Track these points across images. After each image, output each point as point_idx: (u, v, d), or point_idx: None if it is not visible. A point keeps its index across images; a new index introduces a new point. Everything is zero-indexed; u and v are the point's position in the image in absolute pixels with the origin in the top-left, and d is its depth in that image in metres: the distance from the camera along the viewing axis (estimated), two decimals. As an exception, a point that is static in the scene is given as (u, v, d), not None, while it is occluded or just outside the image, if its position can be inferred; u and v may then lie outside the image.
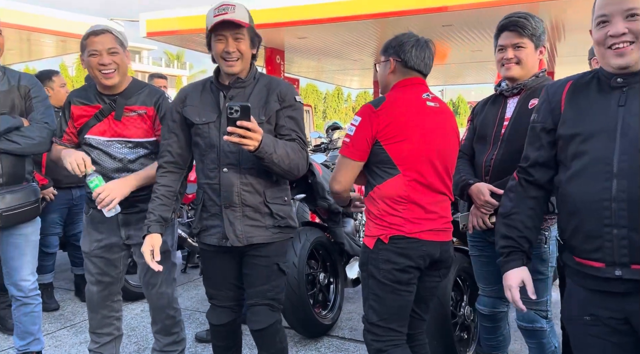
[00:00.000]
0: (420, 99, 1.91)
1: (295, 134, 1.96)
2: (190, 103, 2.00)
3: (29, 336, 2.54)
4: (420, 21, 9.32)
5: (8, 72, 2.39)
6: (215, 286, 2.10)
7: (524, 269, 1.55)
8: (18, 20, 9.42)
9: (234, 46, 1.90)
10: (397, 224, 1.84)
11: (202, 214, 2.02)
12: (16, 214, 2.31)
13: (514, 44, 2.05)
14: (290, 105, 1.96)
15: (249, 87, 1.97)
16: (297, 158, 1.91)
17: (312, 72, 16.34)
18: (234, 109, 1.66)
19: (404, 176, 1.84)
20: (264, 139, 1.76)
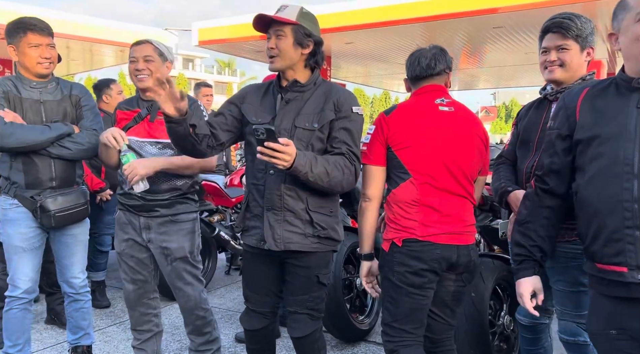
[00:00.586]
0: (432, 104, 1.94)
1: (346, 148, 1.90)
2: (249, 102, 2.02)
3: (80, 331, 2.69)
4: (470, 24, 9.13)
5: (61, 82, 2.55)
6: (253, 289, 2.11)
7: (535, 278, 1.56)
8: (81, 33, 10.02)
9: (273, 43, 1.91)
10: (410, 227, 1.86)
11: (246, 214, 2.04)
12: (67, 216, 2.46)
13: (557, 46, 1.98)
14: (346, 116, 1.91)
15: (308, 92, 1.96)
16: (340, 175, 1.86)
17: (359, 77, 16.33)
18: (259, 131, 1.69)
19: (415, 179, 1.87)
20: (298, 158, 1.75)
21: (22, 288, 2.45)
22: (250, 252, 2.08)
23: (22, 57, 2.38)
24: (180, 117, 1.80)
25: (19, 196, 2.42)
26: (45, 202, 2.39)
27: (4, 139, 2.28)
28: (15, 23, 2.38)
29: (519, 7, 7.85)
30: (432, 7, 8.77)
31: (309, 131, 1.89)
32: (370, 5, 9.42)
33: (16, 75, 2.46)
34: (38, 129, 2.36)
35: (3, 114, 2.31)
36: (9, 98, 2.38)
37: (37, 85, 2.45)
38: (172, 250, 2.33)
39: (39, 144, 2.35)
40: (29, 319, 2.54)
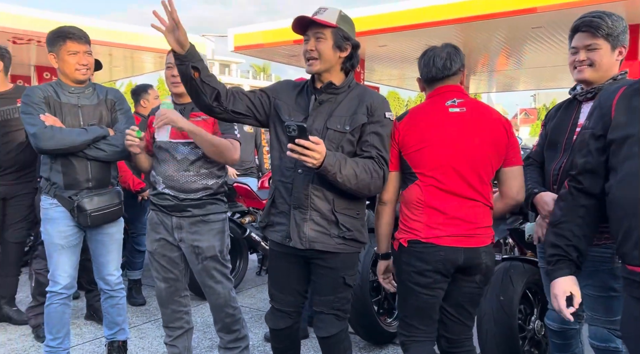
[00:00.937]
0: (442, 107, 1.93)
1: (376, 152, 1.91)
2: (284, 100, 2.04)
3: (115, 326, 2.80)
4: (507, 24, 8.93)
5: (97, 87, 2.68)
6: (278, 288, 2.14)
7: (571, 278, 1.51)
8: (123, 40, 10.40)
9: (313, 45, 1.92)
10: (415, 228, 1.89)
11: (271, 209, 2.07)
12: (102, 215, 2.56)
13: (586, 46, 1.93)
14: (378, 120, 1.93)
15: (342, 94, 1.98)
16: (368, 178, 1.87)
17: (394, 79, 16.22)
18: (291, 128, 1.71)
19: (420, 181, 1.89)
20: (327, 157, 1.76)
21: (62, 283, 2.57)
22: (276, 251, 2.11)
23: (61, 64, 2.51)
24: (183, 53, 1.83)
25: (58, 196, 2.54)
26: (82, 202, 2.50)
27: (44, 141, 2.41)
28: (55, 32, 2.52)
29: (559, 6, 7.64)
30: (467, 8, 8.63)
31: (341, 133, 1.91)
32: (404, 8, 9.36)
33: (57, 81, 2.59)
34: (75, 132, 2.48)
35: (44, 118, 2.44)
36: (50, 103, 2.51)
37: (75, 90, 2.57)
38: (203, 249, 2.40)
39: (76, 146, 2.47)
40: (68, 313, 2.66)
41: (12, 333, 3.33)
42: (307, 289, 2.15)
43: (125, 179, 3.77)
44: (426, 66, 1.98)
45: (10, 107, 3.17)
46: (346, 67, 2.00)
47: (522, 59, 12.09)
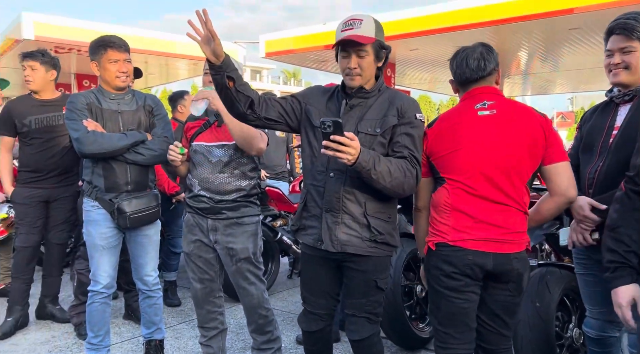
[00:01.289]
0: (471, 110, 1.89)
1: (408, 152, 1.91)
2: (314, 105, 2.06)
3: (153, 326, 2.88)
4: (543, 26, 8.74)
5: (136, 94, 2.78)
6: (310, 291, 2.15)
7: (634, 286, 1.46)
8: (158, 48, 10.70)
9: (355, 63, 1.94)
10: (442, 231, 1.88)
11: (303, 213, 2.09)
12: (140, 217, 2.65)
13: (621, 48, 1.90)
14: (409, 122, 1.94)
15: (372, 98, 2.00)
16: (402, 177, 1.86)
17: (425, 83, 16.07)
18: (326, 124, 1.71)
19: (448, 184, 1.89)
20: (362, 154, 1.76)
21: (103, 283, 2.67)
22: (308, 254, 2.13)
23: (102, 72, 2.63)
24: (218, 63, 1.85)
25: (99, 198, 2.64)
26: (121, 205, 2.60)
27: (87, 145, 2.52)
28: (97, 41, 2.63)
29: (597, 7, 7.43)
30: (502, 10, 8.48)
31: (371, 135, 1.93)
32: (436, 11, 9.28)
33: (98, 88, 2.71)
34: (116, 136, 2.58)
35: (86, 123, 2.55)
36: (92, 109, 2.62)
37: (115, 97, 2.68)
38: (237, 251, 2.45)
39: (116, 151, 2.57)
40: (108, 312, 2.75)
41: (56, 331, 3.46)
42: (339, 292, 2.15)
43: (160, 183, 3.88)
44: (459, 67, 1.93)
45: (56, 113, 3.31)
46: (377, 72, 2.03)
47: (559, 61, 11.79)
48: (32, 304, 3.57)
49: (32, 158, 3.28)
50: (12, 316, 3.38)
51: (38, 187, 3.31)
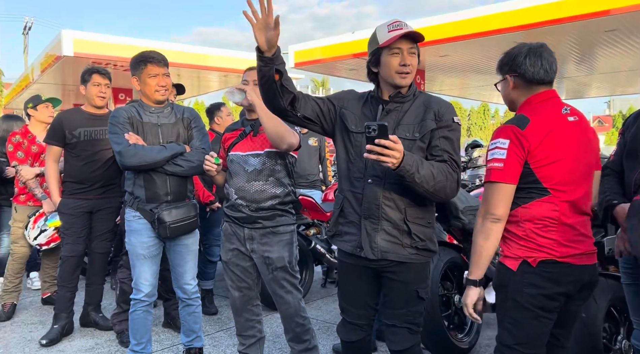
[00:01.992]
0: (560, 115, 1.80)
1: (448, 156, 1.91)
2: (350, 109, 2.05)
3: (192, 334, 2.94)
4: (578, 28, 8.54)
5: (175, 107, 2.87)
6: (349, 301, 2.13)
7: None
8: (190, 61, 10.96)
9: (409, 59, 1.93)
10: (547, 246, 1.73)
11: (339, 219, 2.06)
12: (180, 227, 2.72)
13: None
14: (447, 125, 1.93)
15: (408, 103, 1.99)
16: (445, 180, 1.85)
17: (455, 89, 15.90)
18: (371, 128, 1.69)
19: (554, 197, 1.74)
20: (405, 157, 1.74)
21: (144, 291, 2.74)
22: (346, 263, 2.11)
23: (143, 86, 2.72)
24: (269, 54, 1.83)
25: (141, 208, 2.72)
26: (161, 215, 2.67)
27: (128, 158, 2.61)
28: (137, 57, 2.74)
29: (634, 8, 7.24)
30: (534, 14, 8.33)
31: (410, 140, 1.91)
32: (466, 17, 9.21)
33: (139, 102, 2.80)
34: (156, 149, 2.66)
35: (127, 137, 2.64)
36: (133, 122, 2.71)
37: (155, 110, 2.77)
38: (273, 259, 2.48)
39: (157, 163, 2.65)
40: (149, 320, 2.82)
41: (99, 338, 3.56)
42: (377, 302, 2.14)
43: (195, 192, 3.96)
44: (533, 66, 1.81)
45: (103, 128, 3.44)
46: None
47: (594, 64, 11.49)
48: (77, 312, 3.69)
49: (78, 169, 3.41)
50: (58, 323, 3.49)
51: (83, 198, 3.42)
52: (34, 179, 3.95)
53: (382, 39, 1.92)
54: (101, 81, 3.37)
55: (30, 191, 3.99)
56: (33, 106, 4.19)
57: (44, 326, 3.74)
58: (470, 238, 3.16)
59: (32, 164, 4.04)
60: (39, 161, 4.05)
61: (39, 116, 4.18)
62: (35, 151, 4.06)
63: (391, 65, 1.93)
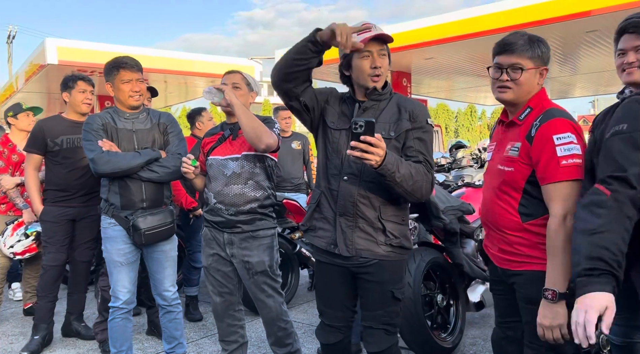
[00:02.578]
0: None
1: (423, 157, 1.93)
2: (332, 105, 2.07)
3: (174, 341, 2.91)
4: (561, 29, 8.65)
5: (151, 112, 2.84)
6: (327, 303, 2.12)
7: (611, 296, 1.31)
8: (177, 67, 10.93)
9: (379, 61, 1.95)
10: None
11: (314, 214, 2.06)
12: (156, 233, 2.68)
13: (635, 47, 1.86)
14: (421, 126, 1.95)
15: (384, 101, 2.00)
16: (421, 180, 1.87)
17: (442, 91, 16.02)
18: (358, 124, 1.68)
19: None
20: (387, 156, 1.74)
21: (122, 298, 2.71)
22: (323, 265, 2.10)
23: (116, 92, 2.70)
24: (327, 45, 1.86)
25: (116, 215, 2.69)
26: (136, 222, 2.63)
27: (101, 165, 2.58)
28: (110, 63, 2.71)
29: (614, 8, 7.33)
30: (516, 16, 8.43)
31: (386, 139, 1.90)
32: (450, 20, 9.28)
33: (113, 108, 2.78)
34: (130, 155, 2.64)
35: (101, 144, 2.61)
36: (107, 129, 2.68)
37: (130, 116, 2.75)
38: (253, 264, 2.47)
39: (131, 169, 2.62)
40: (129, 328, 2.79)
41: (81, 348, 3.52)
42: (355, 303, 2.14)
43: (178, 198, 3.94)
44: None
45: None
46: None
47: (578, 64, 11.63)
48: (58, 321, 3.65)
49: (61, 177, 3.37)
50: (39, 334, 3.45)
51: (66, 206, 3.39)
52: (15, 188, 3.91)
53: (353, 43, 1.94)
54: (86, 88, 3.39)
55: (10, 201, 3.95)
56: (13, 115, 4.15)
57: (25, 337, 3.69)
58: (451, 238, 3.20)
59: (13, 173, 4.00)
60: (20, 170, 4.00)
61: (20, 124, 4.14)
62: (16, 160, 4.02)
63: (363, 68, 1.95)
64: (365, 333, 2.06)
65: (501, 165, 1.85)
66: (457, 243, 3.16)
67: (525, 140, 1.78)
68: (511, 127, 1.90)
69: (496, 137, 2.01)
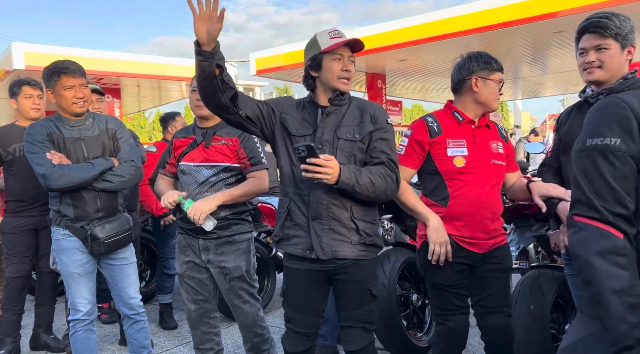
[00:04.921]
0: None
1: (386, 157, 1.98)
2: (290, 114, 2.06)
3: (144, 350, 2.78)
4: (529, 30, 8.85)
5: (97, 117, 2.68)
6: (299, 310, 2.08)
7: None
8: (150, 71, 10.78)
9: (349, 66, 2.01)
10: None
11: (286, 223, 2.05)
12: (114, 241, 2.57)
13: (595, 46, 1.90)
14: (382, 127, 2.01)
15: (345, 106, 2.04)
16: (384, 184, 1.93)
17: (417, 92, 16.19)
18: (300, 149, 1.78)
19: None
20: (342, 172, 1.82)
21: (83, 310, 2.58)
22: (295, 270, 2.07)
23: (58, 99, 2.53)
24: (209, 49, 1.79)
25: (70, 226, 2.55)
26: (94, 231, 2.51)
27: (54, 181, 2.42)
28: (50, 68, 2.53)
29: (579, 9, 7.53)
30: (488, 17, 8.59)
31: (351, 141, 1.97)
32: (422, 22, 9.38)
33: (56, 115, 2.61)
34: (83, 167, 2.49)
35: (50, 157, 2.45)
36: (53, 139, 2.52)
37: (76, 123, 2.59)
38: (230, 269, 2.42)
39: (85, 182, 2.48)
40: (92, 339, 2.66)
41: (50, 361, 3.41)
42: (324, 309, 2.15)
43: (148, 204, 3.85)
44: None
45: None
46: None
47: (547, 64, 11.91)
48: (26, 334, 3.53)
49: (18, 187, 3.25)
50: (4, 348, 3.32)
51: (26, 215, 3.27)
52: None
53: (325, 45, 1.97)
54: (32, 93, 3.25)
55: None
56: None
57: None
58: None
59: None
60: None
61: None
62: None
63: (333, 69, 1.98)
64: (344, 332, 2.07)
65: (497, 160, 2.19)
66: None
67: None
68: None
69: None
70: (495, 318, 2.16)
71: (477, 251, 2.13)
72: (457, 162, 2.12)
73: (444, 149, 2.13)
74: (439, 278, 2.16)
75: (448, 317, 2.19)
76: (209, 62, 1.81)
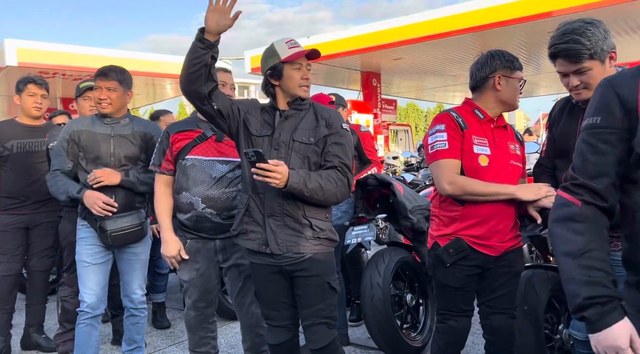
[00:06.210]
0: None
1: (338, 161, 2.05)
2: (253, 115, 2.15)
3: (133, 343, 2.87)
4: (524, 30, 8.87)
5: (135, 119, 2.88)
6: (270, 306, 2.18)
7: (628, 321, 1.13)
8: (144, 69, 10.69)
9: (308, 74, 2.12)
10: None
11: (244, 218, 2.13)
12: (123, 235, 2.67)
13: (574, 71, 1.82)
14: (336, 132, 2.09)
15: (304, 111, 2.13)
16: (334, 188, 2.01)
17: (412, 91, 16.21)
18: (249, 154, 1.88)
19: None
20: (291, 177, 1.90)
21: (87, 301, 2.65)
22: (256, 266, 2.15)
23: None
24: (213, 40, 1.95)
25: (87, 218, 2.70)
26: (103, 223, 2.63)
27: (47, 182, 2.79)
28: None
29: (575, 9, 7.54)
30: (482, 16, 8.59)
31: (306, 144, 2.06)
32: (417, 21, 9.38)
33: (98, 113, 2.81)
34: (62, 189, 2.73)
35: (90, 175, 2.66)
36: (76, 137, 2.74)
37: (110, 121, 2.80)
38: (246, 266, 2.38)
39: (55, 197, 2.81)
40: (94, 336, 2.70)
41: (41, 360, 3.39)
42: (294, 300, 2.17)
43: None
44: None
45: (39, 140, 3.31)
46: None
47: (541, 64, 11.94)
48: (17, 334, 3.50)
49: (11, 183, 3.24)
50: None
51: (18, 213, 3.25)
52: None
53: (284, 54, 2.05)
54: (37, 91, 3.28)
55: None
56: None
57: (-18, 352, 3.52)
58: (419, 237, 3.20)
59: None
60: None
61: None
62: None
63: (294, 78, 2.08)
64: (307, 331, 2.11)
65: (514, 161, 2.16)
66: (425, 242, 3.17)
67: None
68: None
69: None
70: (500, 319, 2.17)
71: (491, 254, 2.09)
72: (482, 161, 2.05)
73: (471, 145, 2.06)
74: (449, 280, 2.11)
75: (450, 317, 2.17)
76: (207, 51, 1.95)
